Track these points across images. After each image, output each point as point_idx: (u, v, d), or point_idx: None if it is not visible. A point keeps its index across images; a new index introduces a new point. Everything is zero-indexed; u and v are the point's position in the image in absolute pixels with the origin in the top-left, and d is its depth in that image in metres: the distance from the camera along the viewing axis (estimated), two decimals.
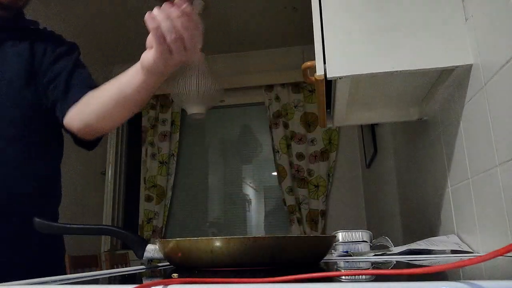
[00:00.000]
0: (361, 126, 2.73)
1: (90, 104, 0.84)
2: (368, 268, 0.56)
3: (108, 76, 3.35)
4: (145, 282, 0.33)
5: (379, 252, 0.88)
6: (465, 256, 0.75)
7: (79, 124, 0.86)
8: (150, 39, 0.68)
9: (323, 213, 2.95)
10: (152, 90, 0.78)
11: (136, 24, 2.81)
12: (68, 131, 0.91)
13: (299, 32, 3.05)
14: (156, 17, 0.64)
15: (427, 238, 0.96)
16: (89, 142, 0.92)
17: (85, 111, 0.84)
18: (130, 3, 2.66)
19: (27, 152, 0.89)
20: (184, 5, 0.64)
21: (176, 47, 0.66)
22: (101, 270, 0.86)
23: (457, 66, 0.84)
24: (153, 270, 0.64)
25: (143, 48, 0.72)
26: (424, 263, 0.62)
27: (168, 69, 0.71)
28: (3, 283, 0.40)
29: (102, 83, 0.86)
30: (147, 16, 0.64)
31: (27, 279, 0.44)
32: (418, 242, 0.93)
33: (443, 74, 0.95)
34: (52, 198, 0.97)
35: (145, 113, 3.37)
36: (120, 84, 0.79)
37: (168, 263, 0.73)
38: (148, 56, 0.70)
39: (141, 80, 0.75)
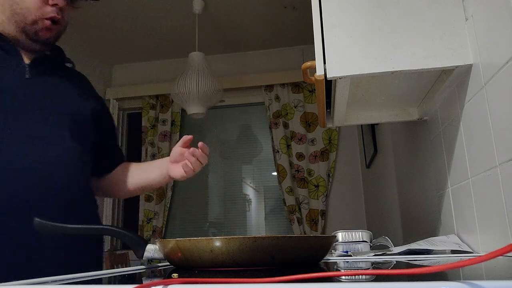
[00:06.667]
0: (361, 126, 2.73)
1: (135, 178, 1.17)
2: (368, 268, 0.56)
3: (108, 76, 3.37)
4: (145, 282, 0.33)
5: (379, 252, 0.88)
6: (465, 256, 0.75)
7: (126, 185, 1.16)
8: (175, 158, 1.07)
9: (323, 213, 2.95)
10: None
11: (136, 25, 2.82)
12: (102, 173, 1.15)
13: (299, 32, 3.05)
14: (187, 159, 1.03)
15: (427, 238, 0.96)
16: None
17: (131, 179, 1.17)
18: (130, 3, 2.66)
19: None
20: (203, 145, 1.05)
21: (198, 167, 1.05)
22: (101, 270, 0.87)
23: (457, 66, 0.84)
24: (153, 270, 0.64)
25: (142, 48, 0.72)
26: (424, 263, 0.62)
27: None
28: (3, 283, 0.40)
29: (103, 82, 0.86)
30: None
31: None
32: (418, 242, 0.92)
33: (443, 74, 0.95)
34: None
35: (145, 113, 3.36)
36: (150, 179, 1.15)
37: (168, 263, 0.73)
38: (176, 173, 1.07)
39: (166, 181, 1.14)
